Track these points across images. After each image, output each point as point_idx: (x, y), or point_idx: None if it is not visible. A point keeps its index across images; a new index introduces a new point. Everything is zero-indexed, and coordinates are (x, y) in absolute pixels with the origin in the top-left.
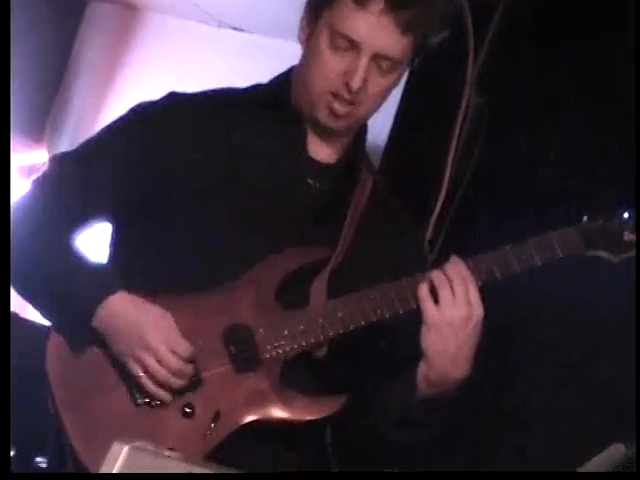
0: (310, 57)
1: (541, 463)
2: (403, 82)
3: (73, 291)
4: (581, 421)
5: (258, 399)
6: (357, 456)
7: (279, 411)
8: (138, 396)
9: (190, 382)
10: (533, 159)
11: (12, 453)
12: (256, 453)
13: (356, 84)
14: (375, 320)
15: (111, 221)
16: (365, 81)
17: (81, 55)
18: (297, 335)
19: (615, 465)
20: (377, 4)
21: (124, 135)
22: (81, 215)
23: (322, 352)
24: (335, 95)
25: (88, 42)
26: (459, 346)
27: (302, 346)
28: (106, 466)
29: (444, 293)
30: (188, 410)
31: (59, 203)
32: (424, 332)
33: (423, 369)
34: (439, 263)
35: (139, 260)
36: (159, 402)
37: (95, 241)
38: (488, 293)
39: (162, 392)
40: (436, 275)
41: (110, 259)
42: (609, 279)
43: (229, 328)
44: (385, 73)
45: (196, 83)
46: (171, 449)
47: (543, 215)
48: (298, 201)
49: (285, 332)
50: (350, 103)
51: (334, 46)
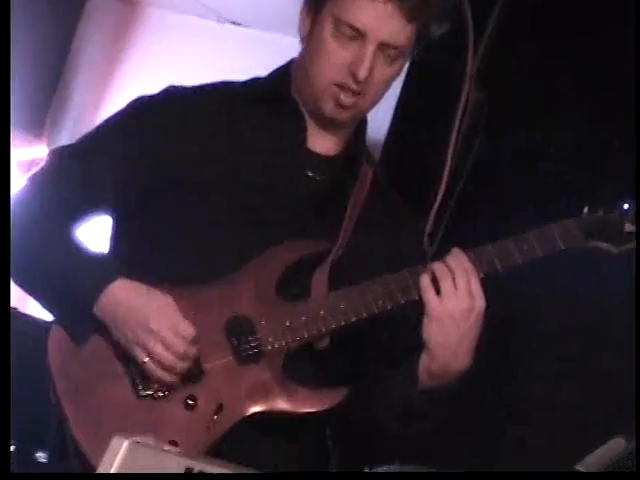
0: (313, 49)
1: (542, 455)
2: (403, 76)
3: (74, 281)
4: (582, 413)
5: (260, 391)
6: (358, 448)
7: (281, 403)
8: (141, 388)
9: (193, 374)
10: (533, 153)
11: (12, 448)
12: (257, 445)
13: (363, 74)
14: (377, 311)
15: (111, 215)
16: (371, 70)
17: (81, 51)
18: (299, 327)
19: (616, 458)
20: None
21: (123, 129)
22: (80, 209)
23: (324, 344)
24: (341, 86)
25: (88, 38)
26: (461, 338)
27: (304, 338)
28: (106, 461)
29: (446, 285)
30: (191, 402)
31: (58, 197)
32: (426, 324)
33: (425, 361)
34: (439, 256)
35: (139, 253)
36: (162, 394)
37: (95, 235)
38: (489, 285)
39: (169, 376)
40: (438, 267)
41: (111, 252)
42: (610, 271)
43: (231, 320)
44: (390, 62)
45: (196, 78)
46: (173, 442)
47: (543, 209)
48: (298, 193)
49: (287, 323)
50: (356, 93)
51: (338, 36)
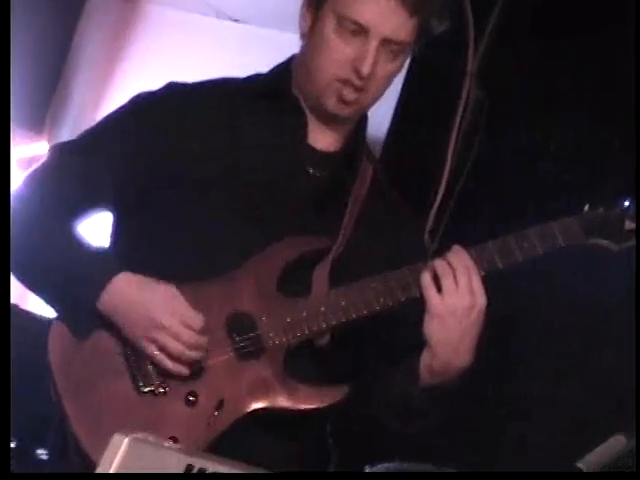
0: (315, 45)
1: (542, 452)
2: (403, 74)
3: (76, 276)
4: (582, 411)
5: (261, 387)
6: (358, 445)
7: (282, 399)
8: (141, 384)
9: (193, 370)
10: (533, 151)
11: (12, 445)
12: (257, 442)
13: (366, 69)
14: (378, 308)
15: (111, 211)
16: (374, 66)
17: (81, 49)
18: (300, 323)
19: (616, 456)
20: None
21: (123, 126)
22: (80, 205)
23: (324, 341)
24: (344, 82)
25: (88, 36)
26: (462, 335)
27: (304, 334)
28: (107, 457)
29: (447, 282)
30: (191, 398)
31: (58, 193)
32: (427, 321)
33: (426, 358)
34: (440, 254)
35: (139, 250)
36: (162, 390)
37: (95, 231)
38: (490, 282)
39: (181, 367)
40: (439, 264)
41: (111, 249)
42: (610, 269)
43: (231, 316)
44: (393, 58)
45: (196, 75)
46: (173, 438)
47: (543, 207)
48: (298, 190)
49: (287, 320)
50: (359, 89)
51: (340, 32)
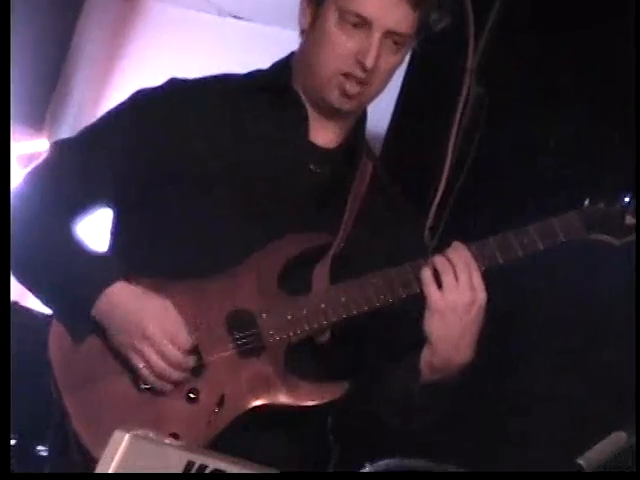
0: (316, 40)
1: (543, 447)
2: (404, 70)
3: (73, 280)
4: (582, 406)
5: (262, 384)
6: (359, 442)
7: (283, 396)
8: (142, 381)
9: (194, 367)
10: (533, 147)
11: (12, 442)
12: (257, 439)
13: (370, 62)
14: (378, 305)
15: (112, 207)
16: (378, 59)
17: (81, 46)
18: (300, 320)
19: (617, 452)
20: None
21: (123, 122)
22: (80, 202)
23: (325, 337)
24: (347, 75)
25: (88, 34)
26: (462, 331)
27: (305, 331)
28: (107, 454)
29: (448, 278)
30: (192, 395)
31: (59, 190)
32: (427, 317)
33: (426, 354)
34: (440, 250)
35: (140, 247)
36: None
37: (95, 228)
38: (490, 278)
39: (162, 383)
40: (439, 260)
41: (111, 246)
42: (610, 264)
43: (232, 313)
44: (395, 50)
45: (196, 72)
46: (174, 435)
47: (543, 203)
48: (300, 186)
49: (288, 317)
50: (362, 82)
51: (343, 25)
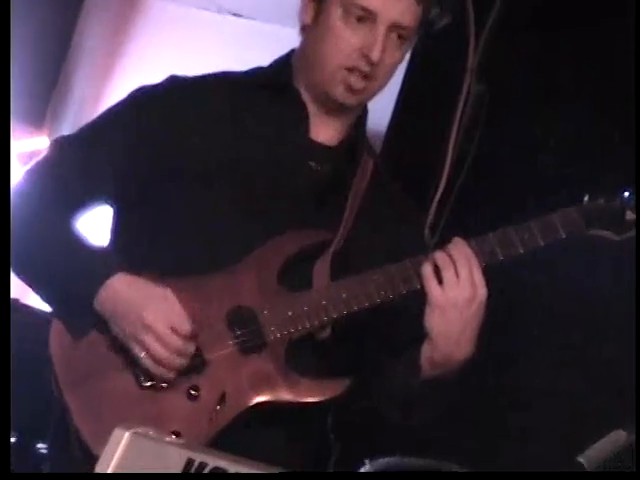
0: (320, 35)
1: (543, 443)
2: (404, 68)
3: (74, 274)
4: (583, 401)
5: (263, 381)
6: (359, 439)
7: (284, 393)
8: (143, 378)
9: (195, 364)
10: (533, 145)
11: (12, 439)
12: (258, 436)
13: (376, 55)
14: (379, 301)
15: (112, 204)
16: (383, 52)
17: (81, 44)
18: (301, 316)
19: (617, 451)
20: None
21: (123, 119)
22: (80, 199)
23: (326, 334)
24: (351, 70)
25: (88, 31)
26: (463, 327)
27: (306, 327)
28: (108, 451)
29: (448, 274)
30: (193, 392)
31: (59, 188)
32: (428, 313)
33: (427, 350)
34: (441, 247)
35: (140, 244)
36: (164, 384)
37: (96, 225)
38: (491, 274)
39: (164, 371)
40: (440, 256)
41: (111, 243)
42: (610, 259)
43: (233, 310)
44: (399, 45)
45: (196, 70)
46: (175, 432)
47: (543, 201)
48: (300, 184)
49: (289, 314)
50: (367, 77)
51: (347, 19)
